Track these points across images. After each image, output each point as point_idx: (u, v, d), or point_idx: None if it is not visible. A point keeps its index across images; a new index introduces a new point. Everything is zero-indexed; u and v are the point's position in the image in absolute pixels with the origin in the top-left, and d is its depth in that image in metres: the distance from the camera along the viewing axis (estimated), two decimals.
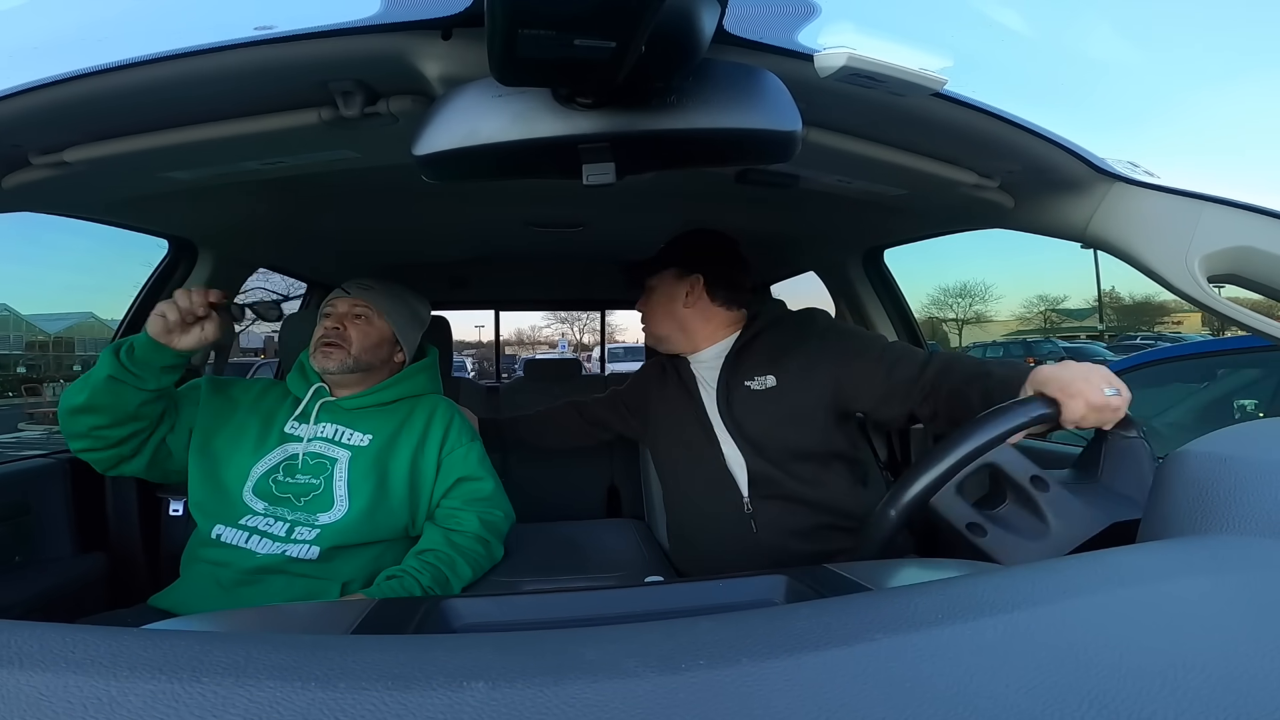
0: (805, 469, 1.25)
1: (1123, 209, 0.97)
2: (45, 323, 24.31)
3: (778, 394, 1.27)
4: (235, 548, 1.12)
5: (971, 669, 0.33)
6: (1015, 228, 1.18)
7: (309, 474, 1.18)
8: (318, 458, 1.19)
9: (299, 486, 1.16)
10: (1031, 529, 0.80)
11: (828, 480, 1.26)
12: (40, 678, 0.31)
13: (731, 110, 0.59)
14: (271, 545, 1.11)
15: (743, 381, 1.30)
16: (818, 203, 1.28)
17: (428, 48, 0.68)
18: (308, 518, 1.14)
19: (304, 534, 1.13)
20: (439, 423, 1.29)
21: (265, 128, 0.82)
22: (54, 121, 0.78)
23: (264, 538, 1.12)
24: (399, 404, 1.30)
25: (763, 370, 1.29)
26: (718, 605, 0.63)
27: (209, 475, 1.16)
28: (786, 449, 1.25)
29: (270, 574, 1.10)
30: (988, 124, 0.87)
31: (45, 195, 0.97)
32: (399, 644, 0.38)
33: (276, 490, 1.15)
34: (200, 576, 1.13)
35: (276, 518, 1.14)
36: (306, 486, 1.17)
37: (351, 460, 1.20)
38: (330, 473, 1.18)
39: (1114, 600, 0.40)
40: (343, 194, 1.36)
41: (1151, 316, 30.86)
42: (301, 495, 1.16)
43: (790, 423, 1.25)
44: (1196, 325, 28.21)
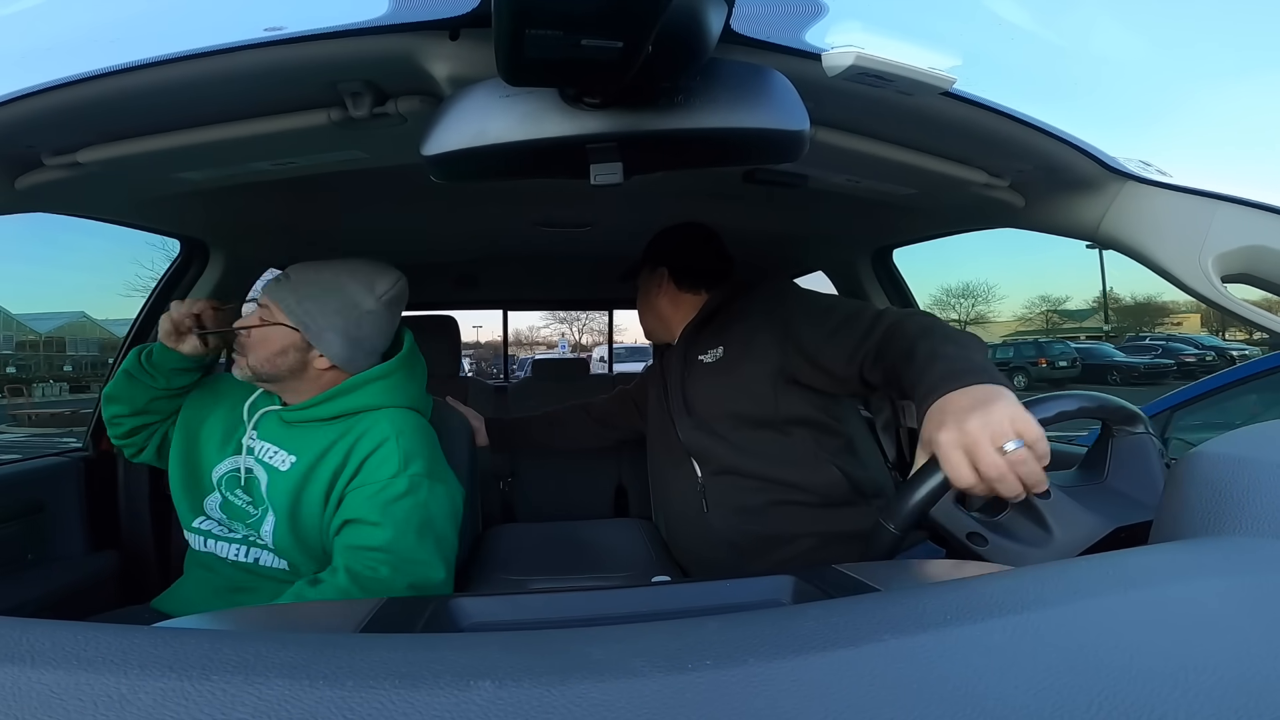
0: (756, 438, 1.21)
1: (1135, 208, 0.96)
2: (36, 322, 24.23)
3: (725, 364, 1.26)
4: (210, 553, 1.10)
5: (980, 670, 0.33)
6: (1026, 227, 1.17)
7: (248, 495, 1.09)
8: (250, 476, 1.09)
9: (239, 508, 1.09)
10: (1034, 536, 0.80)
11: (786, 449, 1.20)
12: (52, 675, 0.31)
13: (739, 110, 0.58)
14: (233, 551, 1.09)
15: (696, 356, 1.31)
16: (826, 202, 1.28)
17: (436, 48, 0.68)
18: (257, 533, 1.07)
19: (263, 540, 1.07)
20: (365, 447, 1.04)
21: (275, 128, 0.82)
22: (67, 122, 0.79)
23: (226, 543, 1.09)
24: (339, 420, 1.08)
25: (713, 344, 1.29)
26: (724, 605, 0.63)
27: (181, 469, 1.14)
28: (735, 418, 1.23)
29: (253, 579, 1.08)
30: (997, 123, 0.87)
31: (58, 196, 0.98)
32: (406, 642, 0.38)
33: (235, 501, 1.10)
34: (198, 580, 1.13)
35: (231, 527, 1.10)
36: (244, 509, 1.08)
37: (269, 484, 1.06)
38: (261, 496, 1.07)
39: (1125, 602, 0.40)
40: (352, 194, 1.37)
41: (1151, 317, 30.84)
42: (244, 517, 1.08)
43: (738, 391, 1.23)
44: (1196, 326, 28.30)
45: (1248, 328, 0.89)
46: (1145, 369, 17.32)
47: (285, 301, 1.06)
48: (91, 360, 22.75)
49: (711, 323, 1.33)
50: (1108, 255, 4.43)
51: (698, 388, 1.29)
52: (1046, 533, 0.79)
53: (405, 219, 1.64)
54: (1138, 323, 29.96)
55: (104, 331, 23.65)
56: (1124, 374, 16.65)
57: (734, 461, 1.22)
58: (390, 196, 1.43)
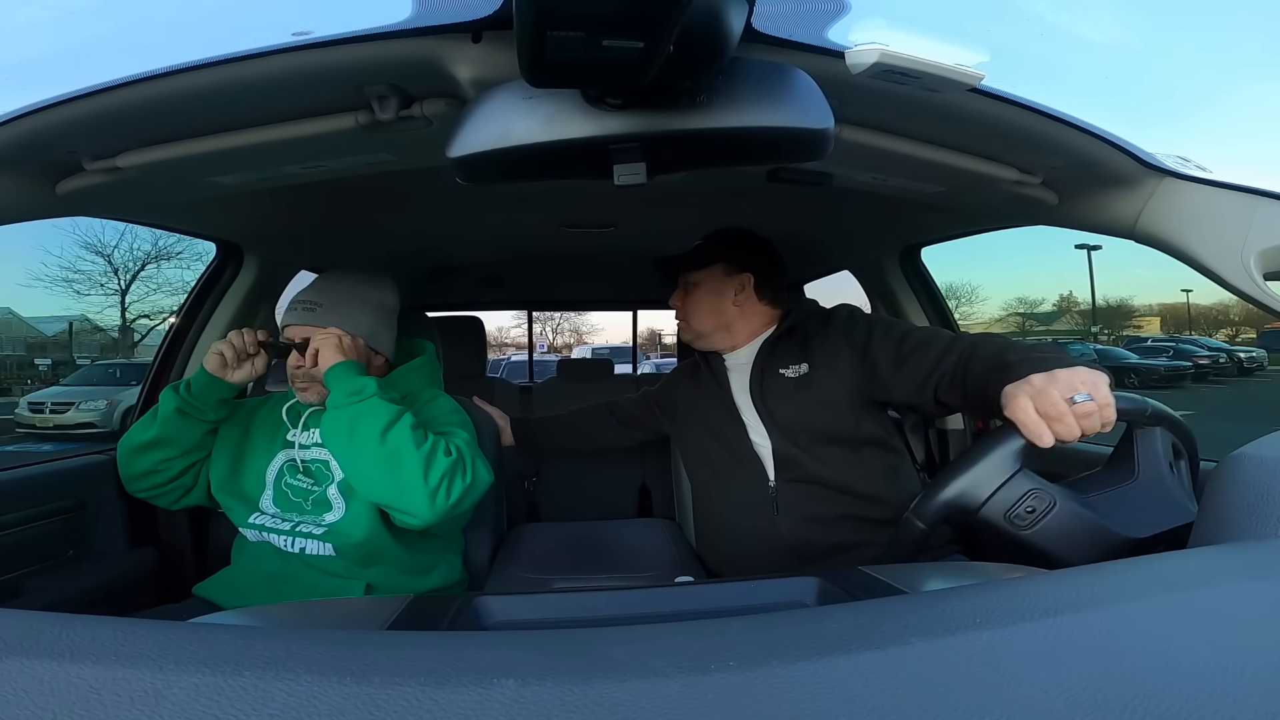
0: (833, 453, 1.25)
1: (1173, 205, 0.94)
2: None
3: (809, 380, 1.28)
4: (260, 544, 1.18)
5: (1009, 674, 0.33)
6: (1060, 224, 1.15)
7: (310, 478, 1.21)
8: (316, 463, 1.22)
9: (302, 490, 1.21)
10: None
11: (858, 465, 1.25)
12: (91, 670, 0.32)
13: (762, 109, 0.58)
14: (283, 541, 1.16)
15: (777, 369, 1.32)
16: (852, 200, 1.27)
17: (459, 51, 0.69)
18: (315, 518, 1.18)
19: (311, 529, 1.16)
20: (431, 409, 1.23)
21: (305, 132, 0.84)
22: (105, 127, 0.81)
23: (276, 534, 1.17)
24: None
25: (796, 359, 1.31)
26: (748, 606, 0.63)
27: (228, 480, 1.23)
28: (816, 433, 1.26)
29: (296, 569, 1.15)
30: (1028, 119, 0.85)
31: (98, 200, 1.00)
32: (432, 640, 0.38)
33: (291, 495, 1.20)
34: (243, 569, 1.19)
35: (284, 518, 1.19)
36: (308, 491, 1.20)
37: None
38: (329, 475, 1.20)
39: (1164, 605, 0.39)
40: (380, 197, 1.39)
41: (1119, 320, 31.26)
42: (306, 498, 1.20)
43: (820, 408, 1.26)
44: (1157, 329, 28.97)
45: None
46: (1166, 371, 17.14)
47: (332, 321, 1.19)
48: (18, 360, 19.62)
49: (791, 338, 1.34)
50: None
51: (780, 400, 1.30)
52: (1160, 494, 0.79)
53: (432, 221, 1.66)
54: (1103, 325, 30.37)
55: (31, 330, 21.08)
56: (1143, 377, 16.37)
57: (817, 472, 1.24)
58: (417, 199, 1.45)
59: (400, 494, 1.04)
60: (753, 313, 1.39)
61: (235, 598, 1.15)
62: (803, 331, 1.34)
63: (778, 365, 1.32)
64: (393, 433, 1.04)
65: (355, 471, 1.07)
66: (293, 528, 1.17)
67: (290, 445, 1.24)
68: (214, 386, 1.19)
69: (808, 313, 1.38)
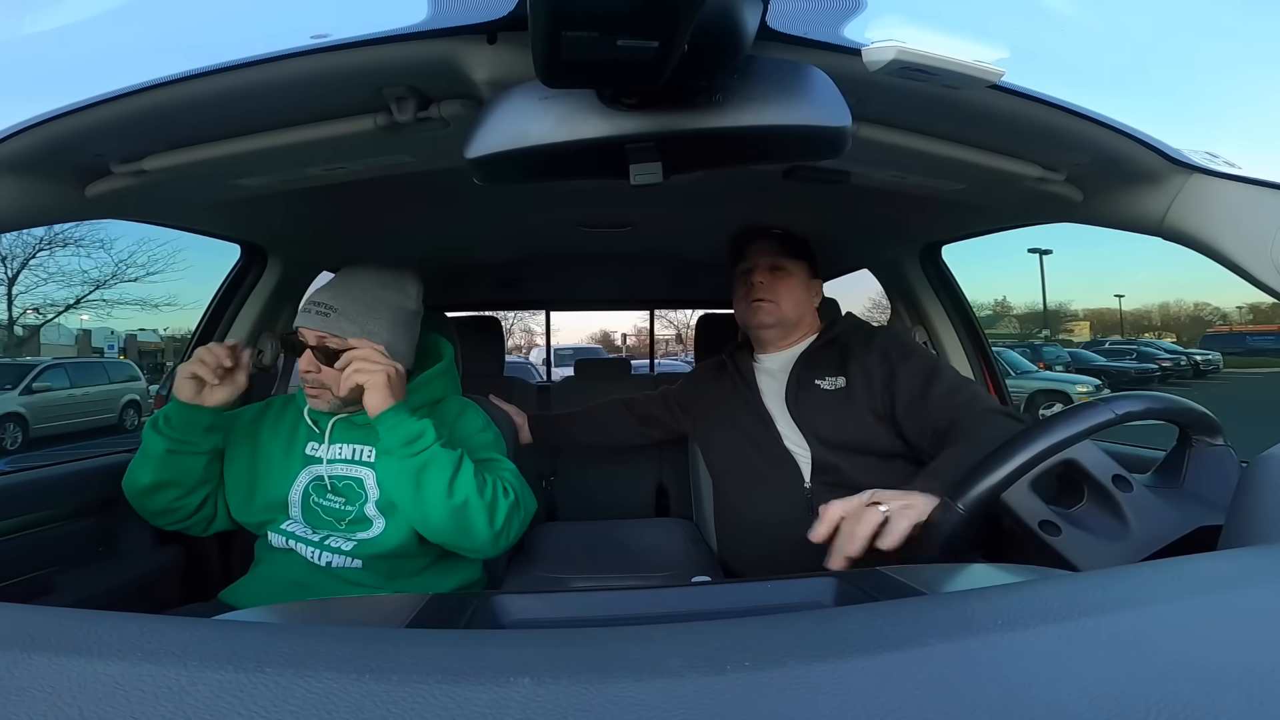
0: (868, 462, 1.27)
1: (1202, 201, 0.92)
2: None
3: (847, 394, 1.30)
4: (287, 551, 1.15)
5: (1031, 677, 0.32)
6: (1085, 221, 1.13)
7: (340, 496, 1.15)
8: (344, 480, 1.15)
9: (334, 510, 1.14)
10: (1109, 530, 0.77)
11: (890, 474, 1.26)
12: (117, 667, 0.32)
13: (778, 107, 0.58)
14: (310, 551, 1.13)
15: (813, 380, 1.33)
16: (871, 198, 1.26)
17: (474, 52, 0.69)
18: (347, 535, 1.14)
19: (340, 544, 1.13)
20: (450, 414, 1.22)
21: (326, 134, 0.85)
22: (131, 130, 0.83)
23: (304, 544, 1.14)
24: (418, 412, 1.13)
25: (833, 372, 1.33)
26: (765, 606, 0.63)
27: (246, 504, 1.17)
28: (851, 444, 1.27)
29: (320, 580, 1.13)
30: (1050, 115, 0.84)
31: (126, 203, 1.02)
32: (450, 638, 0.39)
33: (322, 514, 1.14)
34: (267, 574, 1.17)
35: (315, 528, 1.15)
36: (341, 511, 1.14)
37: (378, 478, 1.14)
38: (361, 494, 1.14)
39: (1192, 607, 0.38)
40: (400, 198, 1.40)
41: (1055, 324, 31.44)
42: (340, 518, 1.14)
43: (856, 421, 1.28)
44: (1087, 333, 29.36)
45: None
46: (1136, 374, 17.38)
47: (348, 329, 1.10)
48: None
49: (831, 350, 1.36)
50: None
51: (816, 411, 1.31)
52: (1124, 526, 0.76)
53: (451, 222, 1.68)
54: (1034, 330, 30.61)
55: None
56: (1114, 379, 16.34)
57: (854, 478, 1.25)
58: (436, 200, 1.46)
59: (467, 539, 1.06)
60: (814, 319, 1.43)
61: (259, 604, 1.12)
62: (842, 345, 1.35)
63: (814, 376, 1.33)
64: (458, 484, 1.03)
65: (422, 520, 1.06)
66: (321, 540, 1.14)
67: (313, 460, 1.16)
68: (194, 414, 1.08)
69: (850, 326, 1.41)
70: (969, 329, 1.89)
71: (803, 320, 1.42)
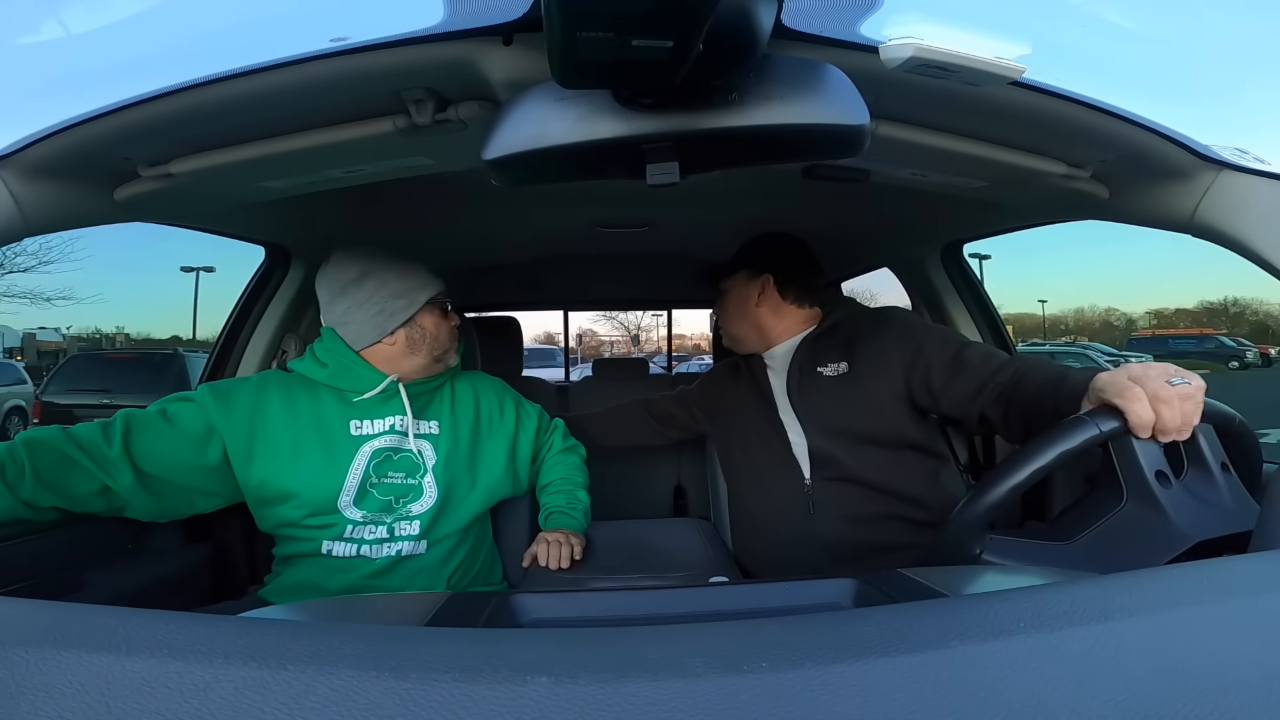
0: (873, 453, 1.24)
1: (1232, 197, 0.90)
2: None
3: (850, 380, 1.27)
4: (349, 558, 1.11)
5: (1054, 681, 0.32)
6: (1112, 218, 1.12)
7: (401, 471, 1.15)
8: (400, 452, 1.16)
9: (396, 487, 1.14)
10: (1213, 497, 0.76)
11: (898, 467, 1.24)
12: (145, 664, 0.33)
13: (795, 106, 0.57)
14: (382, 549, 1.13)
15: (815, 368, 1.31)
16: (891, 197, 1.24)
17: (491, 54, 0.70)
18: (404, 512, 1.15)
19: (405, 529, 1.14)
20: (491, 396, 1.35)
21: (346, 137, 0.86)
22: (158, 134, 0.84)
23: (374, 544, 1.12)
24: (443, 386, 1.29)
25: (836, 358, 1.30)
26: (783, 608, 0.62)
27: (291, 501, 1.10)
28: (855, 433, 1.25)
29: (385, 575, 1.13)
30: (1075, 111, 0.83)
31: (154, 206, 1.04)
32: (468, 637, 0.39)
33: (379, 494, 1.13)
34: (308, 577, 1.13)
35: (378, 523, 1.13)
36: (404, 487, 1.15)
37: (436, 449, 1.20)
38: (421, 466, 1.17)
39: (1220, 611, 0.38)
40: (419, 200, 1.42)
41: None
42: (400, 496, 1.15)
43: (861, 408, 1.25)
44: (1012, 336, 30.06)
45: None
46: None
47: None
48: None
49: (832, 337, 1.34)
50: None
51: (817, 398, 1.29)
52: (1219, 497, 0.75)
53: (469, 223, 1.69)
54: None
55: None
56: None
57: (854, 471, 1.24)
58: (455, 201, 1.47)
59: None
60: (780, 312, 1.38)
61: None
62: (846, 331, 1.33)
63: (816, 363, 1.31)
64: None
65: None
66: (389, 531, 1.13)
67: (361, 439, 1.13)
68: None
69: (852, 313, 1.37)
70: (993, 329, 1.86)
71: (760, 325, 1.39)
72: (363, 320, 1.15)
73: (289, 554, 1.15)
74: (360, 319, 1.15)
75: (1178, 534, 0.72)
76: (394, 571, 1.14)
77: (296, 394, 1.15)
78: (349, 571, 1.11)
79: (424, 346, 1.19)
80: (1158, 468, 0.76)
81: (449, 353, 1.25)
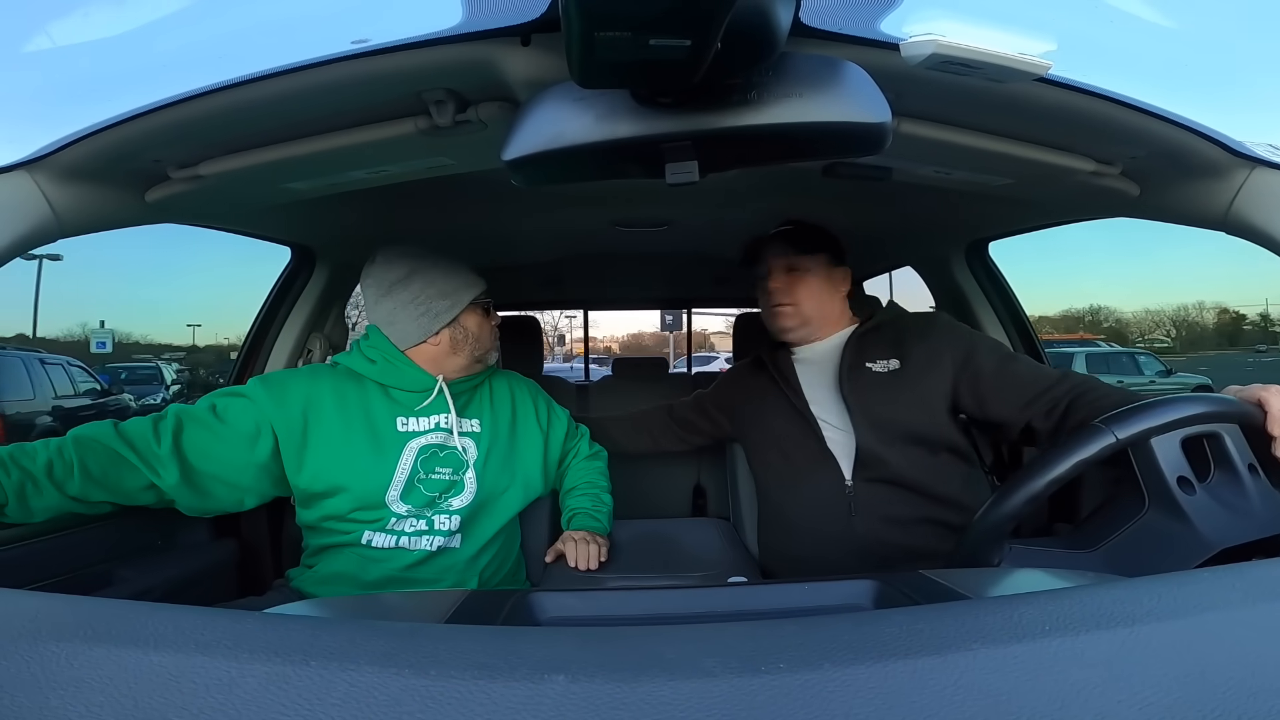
0: (916, 453, 1.24)
1: (1267, 195, 0.88)
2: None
3: (900, 376, 1.27)
4: (388, 549, 1.13)
5: (1079, 684, 0.31)
6: (1142, 216, 1.10)
7: (447, 467, 1.18)
8: (446, 449, 1.19)
9: (441, 482, 1.17)
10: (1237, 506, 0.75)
11: (936, 468, 1.24)
12: (172, 659, 0.34)
13: (815, 104, 0.57)
14: (420, 541, 1.15)
15: (864, 363, 1.30)
16: (913, 194, 1.23)
17: (510, 54, 0.70)
18: (445, 506, 1.17)
19: (444, 523, 1.16)
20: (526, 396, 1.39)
21: (369, 138, 0.87)
22: (186, 136, 0.85)
23: (414, 536, 1.14)
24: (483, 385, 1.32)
25: (885, 354, 1.30)
26: (802, 609, 0.62)
27: (341, 494, 1.12)
28: (903, 430, 1.24)
29: (421, 567, 1.14)
30: (1102, 108, 0.81)
31: (184, 207, 1.06)
32: (487, 635, 0.39)
33: (425, 490, 1.15)
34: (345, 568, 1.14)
35: (419, 516, 1.15)
36: (448, 482, 1.18)
37: (478, 446, 1.23)
38: (464, 463, 1.20)
39: (1252, 616, 0.37)
40: (441, 200, 1.43)
41: None
42: (444, 491, 1.17)
43: (911, 405, 1.25)
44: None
45: None
46: None
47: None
48: None
49: (879, 334, 1.33)
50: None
51: (865, 394, 1.28)
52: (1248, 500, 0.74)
53: (490, 223, 1.70)
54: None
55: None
56: None
57: (899, 471, 1.23)
58: (476, 201, 1.48)
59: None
60: (843, 308, 1.40)
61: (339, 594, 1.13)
62: (893, 330, 1.33)
63: (865, 359, 1.30)
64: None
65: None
66: (429, 524, 1.15)
67: (407, 436, 1.16)
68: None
69: (898, 313, 1.38)
70: (1020, 331, 1.83)
71: (829, 315, 1.37)
72: (408, 320, 1.17)
73: (326, 544, 1.16)
74: (405, 319, 1.17)
75: (1200, 541, 0.71)
76: (429, 564, 1.15)
77: (346, 388, 1.17)
78: (386, 563, 1.13)
79: (466, 346, 1.22)
80: (1180, 473, 0.75)
81: (489, 352, 1.28)
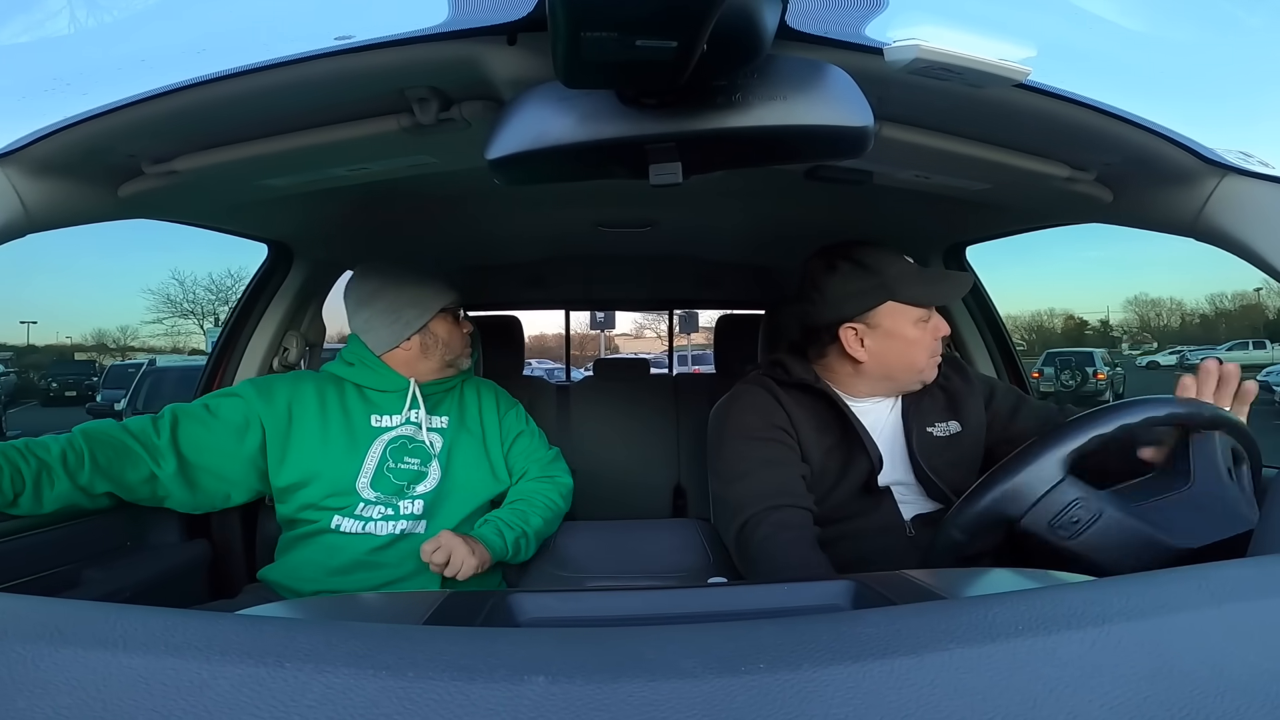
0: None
1: (1237, 201, 0.90)
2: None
3: (960, 440, 1.22)
4: (353, 534, 1.21)
5: (1052, 683, 0.32)
6: (1115, 222, 1.11)
7: (415, 458, 1.29)
8: (415, 442, 1.31)
9: (409, 472, 1.27)
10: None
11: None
12: (141, 661, 0.33)
13: (799, 106, 0.57)
14: (386, 525, 1.22)
15: (925, 427, 1.20)
16: (893, 199, 1.24)
17: (495, 53, 0.70)
18: (411, 492, 1.26)
19: (409, 508, 1.24)
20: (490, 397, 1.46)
21: (350, 135, 0.86)
22: (162, 131, 0.84)
23: (380, 521, 1.22)
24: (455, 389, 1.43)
25: (943, 416, 1.23)
26: (781, 609, 0.62)
27: (313, 480, 1.22)
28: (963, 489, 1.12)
29: (386, 550, 1.21)
30: (1079, 114, 0.82)
31: (157, 203, 1.04)
32: (465, 636, 0.39)
33: (394, 478, 1.26)
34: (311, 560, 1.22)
35: (387, 503, 1.24)
36: (415, 472, 1.28)
37: (444, 439, 1.34)
38: (430, 454, 1.31)
39: (1217, 616, 0.38)
40: (423, 199, 1.42)
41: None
42: (412, 481, 1.27)
43: (969, 468, 1.20)
44: None
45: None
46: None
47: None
48: None
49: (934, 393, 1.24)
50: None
51: (936, 458, 1.18)
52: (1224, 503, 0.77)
53: (472, 222, 1.69)
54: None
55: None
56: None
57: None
58: (458, 200, 1.47)
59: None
60: None
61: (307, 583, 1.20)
62: (949, 390, 1.25)
63: (925, 423, 1.21)
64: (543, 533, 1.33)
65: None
66: (395, 510, 1.24)
67: (378, 431, 1.28)
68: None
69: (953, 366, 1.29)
70: (995, 334, 1.86)
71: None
72: (382, 327, 1.31)
73: (298, 535, 1.24)
74: (380, 326, 1.31)
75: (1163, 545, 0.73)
76: (394, 548, 1.22)
77: (327, 390, 1.31)
78: (353, 547, 1.20)
79: (437, 351, 1.35)
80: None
81: (461, 357, 1.38)
